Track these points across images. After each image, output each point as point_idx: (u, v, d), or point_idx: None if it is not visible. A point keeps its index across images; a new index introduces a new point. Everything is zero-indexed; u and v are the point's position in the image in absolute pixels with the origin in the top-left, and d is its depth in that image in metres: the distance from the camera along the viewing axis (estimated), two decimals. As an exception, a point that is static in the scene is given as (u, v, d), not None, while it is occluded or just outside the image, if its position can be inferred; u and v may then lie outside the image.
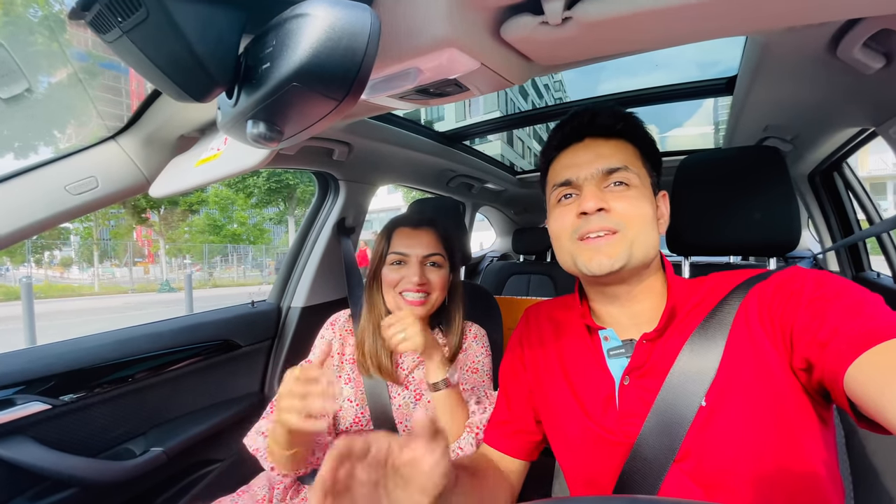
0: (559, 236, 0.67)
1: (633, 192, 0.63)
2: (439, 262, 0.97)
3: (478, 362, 1.00)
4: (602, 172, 0.63)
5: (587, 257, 0.63)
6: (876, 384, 0.42)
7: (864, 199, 1.72)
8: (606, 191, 0.64)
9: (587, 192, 0.63)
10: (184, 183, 0.88)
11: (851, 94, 0.98)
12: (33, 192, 0.85)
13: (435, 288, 0.95)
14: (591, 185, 0.64)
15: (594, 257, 0.62)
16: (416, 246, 0.96)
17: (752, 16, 0.57)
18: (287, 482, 0.97)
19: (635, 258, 0.62)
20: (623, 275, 0.63)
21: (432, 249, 0.96)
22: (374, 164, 1.61)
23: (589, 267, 0.63)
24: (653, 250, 0.64)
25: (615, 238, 0.62)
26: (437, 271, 0.96)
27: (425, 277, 0.94)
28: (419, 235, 0.97)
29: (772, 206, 0.86)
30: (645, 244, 0.63)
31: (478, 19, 0.57)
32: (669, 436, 0.57)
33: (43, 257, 17.44)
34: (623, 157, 0.64)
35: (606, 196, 0.63)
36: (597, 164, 0.64)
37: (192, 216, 19.62)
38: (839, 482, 0.57)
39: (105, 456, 1.04)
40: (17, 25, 10.27)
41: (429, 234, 0.98)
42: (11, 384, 0.91)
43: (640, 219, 0.62)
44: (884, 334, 0.44)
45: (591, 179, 0.64)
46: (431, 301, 0.95)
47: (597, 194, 0.63)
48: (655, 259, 0.67)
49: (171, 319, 1.28)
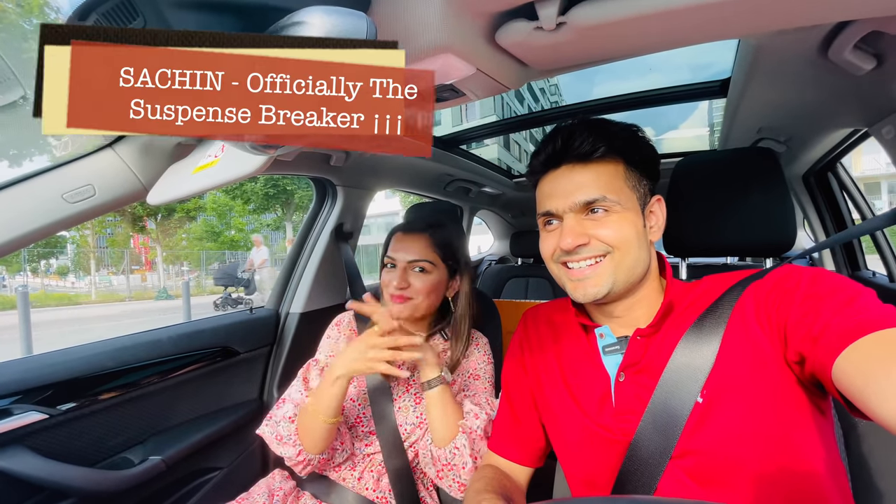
0: (546, 258, 0.70)
1: (614, 217, 0.62)
2: (426, 267, 0.97)
3: (479, 369, 1.00)
4: (580, 204, 0.63)
5: (572, 286, 0.65)
6: (862, 375, 0.42)
7: (859, 198, 1.73)
8: (587, 219, 0.63)
9: (566, 227, 0.63)
10: (181, 190, 0.88)
11: (843, 95, 0.99)
12: (30, 200, 0.85)
13: (418, 293, 0.96)
14: (571, 218, 0.64)
15: (578, 287, 0.64)
16: (404, 251, 0.98)
17: (743, 19, 0.58)
18: (287, 488, 0.96)
19: (619, 282, 0.63)
20: (612, 297, 0.64)
21: (419, 255, 0.97)
22: (372, 170, 1.61)
23: (575, 296, 0.65)
24: (640, 267, 0.64)
25: (600, 266, 0.63)
26: (423, 277, 0.97)
27: (406, 282, 0.96)
28: (410, 241, 0.99)
29: (767, 207, 0.87)
30: (630, 266, 0.63)
31: (473, 25, 0.58)
32: (666, 432, 0.57)
33: (39, 266, 17.35)
34: (602, 184, 0.62)
35: (586, 225, 0.63)
36: (574, 195, 0.63)
37: (190, 223, 19.58)
38: (841, 473, 0.57)
39: (103, 465, 1.03)
40: (10, 33, 10.28)
41: (421, 239, 0.99)
42: (8, 394, 0.90)
43: (623, 243, 0.62)
44: (872, 326, 0.44)
45: (571, 211, 0.63)
46: (413, 304, 0.96)
47: (575, 229, 0.63)
48: (648, 270, 0.67)
49: (168, 327, 1.27)
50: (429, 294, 0.97)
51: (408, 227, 1.02)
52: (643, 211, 0.66)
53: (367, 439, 0.97)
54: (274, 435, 0.89)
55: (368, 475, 0.95)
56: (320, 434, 0.85)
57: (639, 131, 0.67)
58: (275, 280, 1.66)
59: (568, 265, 0.65)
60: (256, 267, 9.53)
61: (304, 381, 0.96)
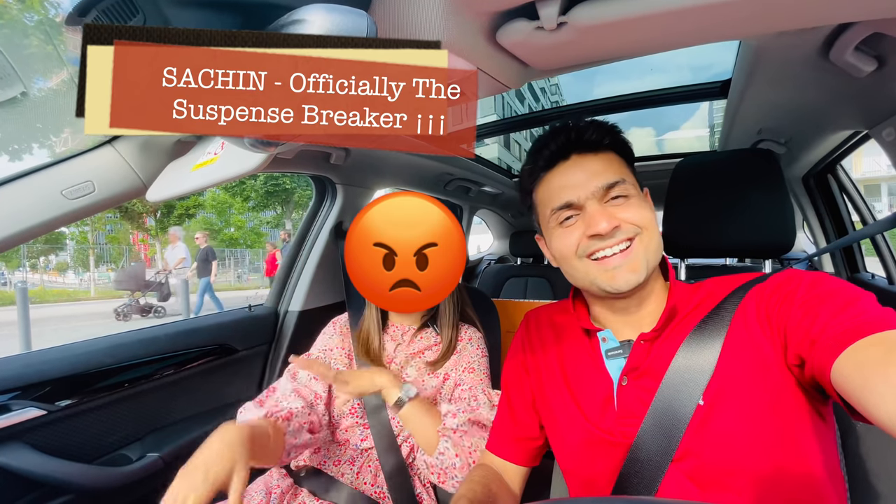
0: (566, 257, 0.66)
1: (633, 201, 0.63)
2: None
3: (473, 362, 1.01)
4: (602, 189, 0.62)
5: (609, 276, 0.62)
6: (860, 377, 0.42)
7: (858, 200, 1.73)
8: (609, 205, 0.63)
9: (594, 212, 0.62)
10: (181, 187, 0.88)
11: (844, 97, 0.99)
12: (30, 196, 0.85)
13: None
14: (595, 204, 0.63)
15: (616, 276, 0.61)
16: None
17: (744, 20, 0.58)
18: (284, 486, 0.96)
19: (652, 263, 0.63)
20: (642, 284, 0.64)
21: None
22: (372, 168, 1.61)
23: (614, 286, 0.62)
24: (661, 252, 0.65)
25: (631, 251, 0.62)
26: None
27: None
28: None
29: (766, 209, 0.87)
30: (657, 247, 0.64)
31: (473, 24, 0.58)
32: (667, 435, 0.57)
33: (38, 262, 17.33)
34: (616, 170, 0.64)
35: (611, 211, 0.62)
36: (594, 181, 0.63)
37: (189, 220, 19.56)
38: (839, 480, 0.57)
39: (101, 462, 1.03)
40: (11, 28, 10.26)
41: None
42: (6, 390, 0.90)
43: (649, 223, 0.63)
44: (870, 328, 0.44)
45: (593, 198, 0.63)
46: None
47: (604, 213, 0.62)
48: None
49: (167, 324, 1.27)
50: None
51: None
52: None
53: (363, 433, 0.97)
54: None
55: (366, 470, 0.95)
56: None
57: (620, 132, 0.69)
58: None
59: (595, 257, 0.63)
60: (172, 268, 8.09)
61: (292, 375, 0.98)
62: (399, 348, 1.03)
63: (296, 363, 0.86)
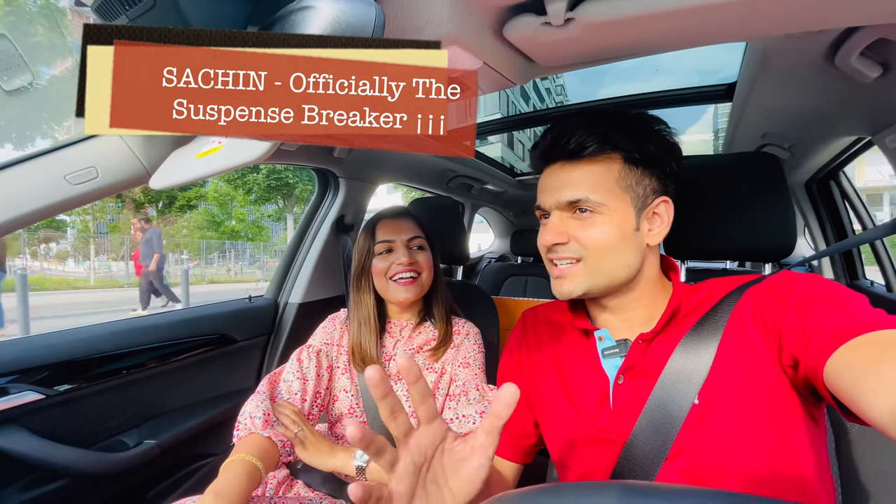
0: (542, 253, 0.69)
1: (598, 218, 0.61)
2: (423, 244, 1.03)
3: (469, 357, 1.01)
4: (563, 203, 0.62)
5: (552, 283, 0.66)
6: (852, 375, 0.42)
7: (860, 207, 1.74)
8: (573, 218, 0.63)
9: (550, 224, 0.64)
10: (184, 175, 0.88)
11: (848, 102, 0.99)
12: (33, 180, 0.85)
13: (423, 268, 1.01)
14: (556, 216, 0.64)
15: (556, 284, 0.65)
16: (400, 231, 1.02)
17: (752, 21, 0.58)
18: (280, 476, 0.97)
19: (598, 285, 0.63)
20: (594, 295, 0.65)
21: (415, 233, 1.03)
22: (375, 163, 1.61)
23: (553, 292, 0.66)
24: (626, 270, 0.63)
25: (577, 267, 0.63)
26: (423, 253, 1.03)
27: (413, 258, 1.00)
28: (400, 223, 1.04)
29: (768, 213, 0.87)
30: (609, 270, 0.62)
31: (481, 18, 0.58)
32: (662, 434, 0.58)
33: (39, 250, 17.35)
34: (588, 184, 0.61)
35: (571, 225, 0.63)
36: (560, 193, 0.63)
37: (191, 212, 19.57)
38: (830, 483, 0.57)
39: (98, 447, 1.04)
40: (18, 16, 10.25)
41: (408, 221, 1.05)
42: (5, 373, 0.91)
43: (599, 248, 0.61)
44: (862, 328, 0.45)
45: (556, 209, 0.64)
46: (422, 281, 1.00)
47: (557, 226, 0.63)
48: (640, 273, 0.65)
49: (167, 312, 1.28)
50: (431, 270, 1.02)
51: (392, 213, 1.07)
52: (641, 212, 0.63)
53: None
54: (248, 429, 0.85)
55: (362, 465, 0.95)
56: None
57: (650, 122, 0.64)
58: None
59: (553, 261, 0.66)
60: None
61: (298, 361, 0.97)
62: (398, 345, 1.03)
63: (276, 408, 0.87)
